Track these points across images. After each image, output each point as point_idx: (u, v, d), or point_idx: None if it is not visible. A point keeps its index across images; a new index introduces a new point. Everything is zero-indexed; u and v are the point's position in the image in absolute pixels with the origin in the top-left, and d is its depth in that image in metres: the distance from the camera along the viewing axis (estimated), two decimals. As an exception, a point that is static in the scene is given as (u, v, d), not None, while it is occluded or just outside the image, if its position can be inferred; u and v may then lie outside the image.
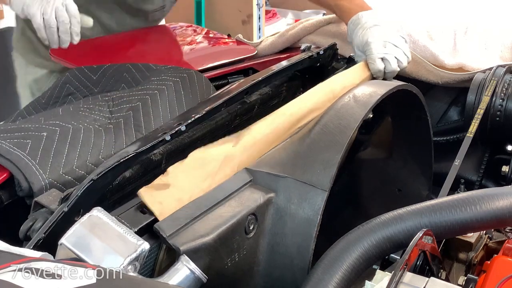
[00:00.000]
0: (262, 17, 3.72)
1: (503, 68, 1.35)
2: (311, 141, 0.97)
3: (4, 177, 0.98)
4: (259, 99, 1.24)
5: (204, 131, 1.09)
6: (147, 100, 1.21)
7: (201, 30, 1.90)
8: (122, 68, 1.39)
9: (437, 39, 1.52)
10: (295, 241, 0.88)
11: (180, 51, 1.75)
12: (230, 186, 0.91)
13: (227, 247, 0.85)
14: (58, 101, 1.36)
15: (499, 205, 0.76)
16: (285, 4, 4.44)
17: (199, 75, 1.37)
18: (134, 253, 0.69)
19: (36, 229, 0.82)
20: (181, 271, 0.74)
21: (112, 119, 1.18)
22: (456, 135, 1.46)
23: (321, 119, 1.01)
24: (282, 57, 1.61)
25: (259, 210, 0.89)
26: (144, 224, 0.80)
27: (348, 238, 0.77)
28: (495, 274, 0.75)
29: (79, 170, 1.02)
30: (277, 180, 0.92)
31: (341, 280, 0.72)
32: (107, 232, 0.70)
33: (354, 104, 1.03)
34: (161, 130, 0.95)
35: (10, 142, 1.02)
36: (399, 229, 0.77)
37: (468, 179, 1.42)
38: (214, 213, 0.85)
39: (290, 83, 1.38)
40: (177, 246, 0.77)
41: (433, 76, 1.45)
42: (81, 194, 0.82)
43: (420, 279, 0.72)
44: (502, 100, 1.30)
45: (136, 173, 0.96)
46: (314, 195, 0.88)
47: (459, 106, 1.50)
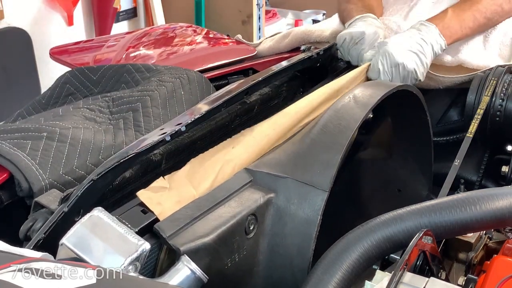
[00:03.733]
0: (262, 17, 3.72)
1: (503, 68, 1.35)
2: (311, 142, 0.97)
3: (4, 177, 0.98)
4: (259, 99, 1.24)
5: (204, 131, 1.09)
6: (147, 100, 1.21)
7: (201, 30, 1.91)
8: (122, 69, 1.39)
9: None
10: (295, 241, 0.88)
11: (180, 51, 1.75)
12: (230, 186, 0.91)
13: (227, 247, 0.85)
14: (58, 101, 1.36)
15: (499, 205, 0.76)
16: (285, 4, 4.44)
17: (199, 75, 1.37)
18: (135, 253, 0.69)
19: (36, 229, 0.82)
20: (182, 271, 0.74)
21: (112, 119, 1.18)
22: (456, 135, 1.46)
23: (321, 119, 1.01)
24: (282, 57, 1.61)
25: (259, 210, 0.89)
26: (145, 224, 0.80)
27: (348, 238, 0.77)
28: (495, 274, 0.75)
29: (79, 170, 1.02)
30: (277, 181, 0.92)
31: (341, 280, 0.72)
32: (108, 232, 0.70)
33: (354, 104, 1.03)
34: (161, 130, 0.95)
35: (10, 142, 1.02)
36: (399, 229, 0.77)
37: (468, 179, 1.42)
38: (214, 214, 0.85)
39: (290, 83, 1.38)
40: (177, 246, 0.77)
41: (433, 82, 1.45)
42: (81, 194, 0.82)
43: (420, 279, 0.72)
44: (502, 100, 1.30)
45: (136, 174, 0.96)
46: (314, 195, 0.88)
47: (459, 106, 1.50)
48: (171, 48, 1.75)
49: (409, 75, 1.31)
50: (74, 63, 1.58)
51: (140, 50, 1.71)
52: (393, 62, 1.29)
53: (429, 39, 1.33)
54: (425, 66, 1.33)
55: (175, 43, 1.78)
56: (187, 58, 1.68)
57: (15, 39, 3.05)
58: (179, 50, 1.74)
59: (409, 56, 1.30)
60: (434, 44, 1.33)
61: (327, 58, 1.39)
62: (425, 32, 1.34)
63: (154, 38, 1.81)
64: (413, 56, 1.30)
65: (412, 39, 1.32)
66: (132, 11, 3.94)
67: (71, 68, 1.47)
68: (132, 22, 3.95)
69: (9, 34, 3.02)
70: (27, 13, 3.19)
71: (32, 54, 3.11)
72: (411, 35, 1.34)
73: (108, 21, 3.59)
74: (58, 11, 3.38)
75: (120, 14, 3.80)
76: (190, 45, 1.75)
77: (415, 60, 1.30)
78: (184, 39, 1.79)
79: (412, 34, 1.34)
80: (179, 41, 1.79)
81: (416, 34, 1.34)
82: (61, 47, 1.82)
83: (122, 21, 3.87)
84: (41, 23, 3.29)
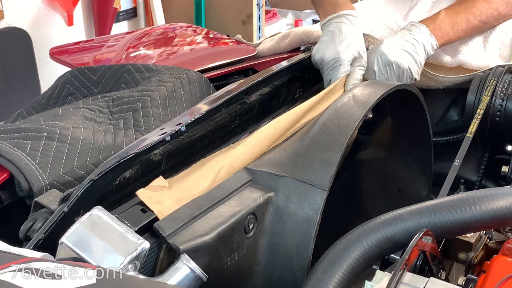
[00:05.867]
0: (262, 17, 3.72)
1: (503, 68, 1.35)
2: (311, 141, 0.97)
3: (4, 177, 0.98)
4: (259, 99, 1.24)
5: (204, 131, 1.09)
6: (147, 100, 1.21)
7: (201, 30, 1.91)
8: (122, 69, 1.39)
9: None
10: (295, 240, 0.88)
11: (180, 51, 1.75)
12: (230, 185, 0.91)
13: (227, 246, 0.85)
14: (58, 101, 1.36)
15: (499, 205, 0.76)
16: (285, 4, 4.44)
17: (199, 75, 1.37)
18: (135, 252, 0.69)
19: (36, 229, 0.82)
20: (182, 270, 0.74)
21: (112, 119, 1.18)
22: (456, 135, 1.46)
23: (320, 118, 1.01)
24: (282, 57, 1.61)
25: (258, 209, 0.89)
26: (145, 223, 0.80)
27: (348, 238, 0.77)
28: (495, 274, 0.75)
29: (79, 170, 1.02)
30: (277, 180, 0.92)
31: (341, 280, 0.72)
32: (108, 231, 0.70)
33: (353, 103, 1.03)
34: (161, 130, 0.95)
35: (10, 142, 1.02)
36: (399, 229, 0.77)
37: (468, 179, 1.42)
38: (214, 213, 0.85)
39: (290, 83, 1.38)
40: (177, 245, 0.77)
41: (433, 82, 1.45)
42: (81, 195, 0.82)
43: (420, 279, 0.72)
44: (502, 100, 1.30)
45: (136, 174, 0.96)
46: (314, 194, 0.88)
47: (459, 106, 1.50)
48: (171, 48, 1.75)
49: (404, 73, 1.31)
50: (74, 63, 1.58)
51: (140, 50, 1.71)
52: (386, 61, 1.30)
53: (420, 39, 1.33)
54: (419, 65, 1.33)
55: (175, 43, 1.78)
56: (187, 58, 1.68)
57: (15, 39, 3.05)
58: (179, 50, 1.74)
59: (401, 54, 1.31)
60: (426, 44, 1.34)
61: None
62: (415, 32, 1.35)
63: (154, 38, 1.81)
64: (406, 55, 1.31)
65: (404, 39, 1.33)
66: (132, 11, 3.94)
67: (71, 68, 1.47)
68: (132, 22, 3.96)
69: (9, 34, 3.02)
70: (27, 13, 3.19)
71: (32, 54, 3.11)
72: (402, 35, 1.35)
73: (108, 21, 3.59)
74: (58, 11, 3.38)
75: (120, 14, 3.81)
76: (190, 45, 1.75)
77: (408, 58, 1.31)
78: (184, 39, 1.79)
79: (403, 35, 1.35)
80: (179, 41, 1.79)
81: (407, 34, 1.35)
82: (61, 47, 1.82)
83: (122, 21, 3.87)
84: (41, 23, 3.29)
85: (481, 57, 1.45)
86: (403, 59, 1.30)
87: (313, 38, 1.59)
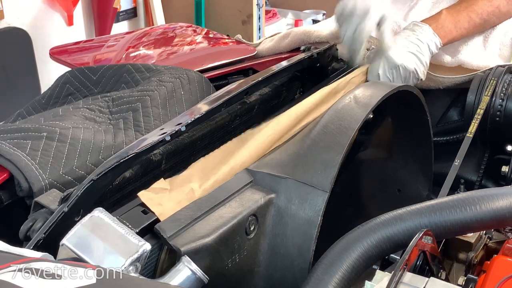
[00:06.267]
0: (262, 17, 3.72)
1: (503, 68, 1.35)
2: (312, 142, 0.97)
3: (4, 177, 0.98)
4: (259, 99, 1.24)
5: (204, 131, 1.09)
6: (147, 100, 1.21)
7: (201, 30, 1.91)
8: (122, 69, 1.39)
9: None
10: (296, 242, 0.88)
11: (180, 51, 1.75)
12: (231, 187, 0.91)
13: (228, 248, 0.85)
14: (58, 101, 1.36)
15: (499, 205, 0.76)
16: (285, 4, 4.44)
17: (199, 75, 1.37)
18: (136, 254, 0.69)
19: (36, 229, 0.82)
20: (183, 271, 0.74)
21: (112, 119, 1.18)
22: (456, 135, 1.46)
23: (321, 119, 1.01)
24: (282, 57, 1.61)
25: (259, 211, 0.89)
26: (146, 224, 0.80)
27: (348, 238, 0.77)
28: (495, 274, 0.75)
29: (79, 170, 1.02)
30: (278, 181, 0.92)
31: (341, 280, 0.72)
32: (109, 232, 0.70)
33: (354, 105, 1.03)
34: (161, 130, 0.95)
35: (10, 142, 1.02)
36: (399, 229, 0.77)
37: (468, 179, 1.42)
38: (215, 214, 0.85)
39: (290, 83, 1.38)
40: (178, 247, 0.77)
41: (433, 83, 1.45)
42: (81, 195, 0.82)
43: (420, 279, 0.72)
44: (501, 100, 1.30)
45: (136, 174, 0.96)
46: (315, 196, 0.88)
47: (459, 106, 1.50)
48: (171, 48, 1.75)
49: (410, 75, 1.31)
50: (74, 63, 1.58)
51: (140, 50, 1.71)
52: (392, 65, 1.30)
53: (424, 39, 1.33)
54: (425, 65, 1.33)
55: (175, 43, 1.78)
56: (187, 58, 1.68)
57: (15, 39, 3.05)
58: (179, 50, 1.74)
59: (408, 57, 1.30)
60: (430, 43, 1.34)
61: (326, 58, 1.39)
62: (419, 32, 1.35)
63: (154, 38, 1.81)
64: (412, 57, 1.31)
65: (408, 40, 1.33)
66: (132, 11, 3.94)
67: (71, 68, 1.47)
68: (132, 22, 3.96)
69: (9, 34, 3.02)
70: (27, 13, 3.19)
71: (32, 54, 3.11)
72: (406, 36, 1.34)
73: (108, 21, 3.59)
74: (58, 11, 3.38)
75: (120, 14, 3.80)
76: (190, 45, 1.75)
77: (414, 60, 1.31)
78: (184, 39, 1.79)
79: (407, 35, 1.34)
80: (179, 41, 1.79)
81: (411, 34, 1.34)
82: (61, 47, 1.82)
83: (122, 21, 3.87)
84: (41, 23, 3.29)
85: (481, 57, 1.45)
86: (409, 62, 1.30)
87: (313, 38, 1.59)
